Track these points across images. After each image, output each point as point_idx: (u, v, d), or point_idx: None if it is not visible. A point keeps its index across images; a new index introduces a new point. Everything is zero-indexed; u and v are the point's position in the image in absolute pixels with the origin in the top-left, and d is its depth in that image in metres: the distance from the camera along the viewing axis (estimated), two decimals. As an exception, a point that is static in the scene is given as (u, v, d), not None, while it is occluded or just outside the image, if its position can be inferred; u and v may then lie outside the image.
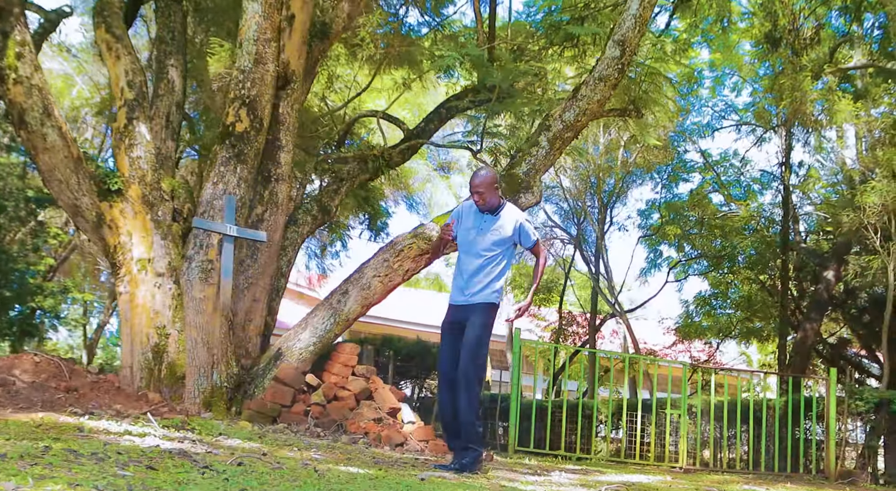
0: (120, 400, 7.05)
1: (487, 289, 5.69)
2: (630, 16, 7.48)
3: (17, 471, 2.76)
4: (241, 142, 7.81)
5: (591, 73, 7.76)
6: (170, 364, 7.80)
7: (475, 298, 5.69)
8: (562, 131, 7.88)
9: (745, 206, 21.22)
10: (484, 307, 5.66)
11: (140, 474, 3.11)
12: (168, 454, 4.12)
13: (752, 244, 20.48)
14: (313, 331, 7.98)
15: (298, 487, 3.31)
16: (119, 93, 8.41)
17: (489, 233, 5.77)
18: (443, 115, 10.73)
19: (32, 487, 2.42)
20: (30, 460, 3.05)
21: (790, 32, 17.73)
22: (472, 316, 5.64)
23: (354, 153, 9.80)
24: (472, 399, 5.48)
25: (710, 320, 22.41)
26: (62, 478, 2.75)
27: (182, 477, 3.22)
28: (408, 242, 8.02)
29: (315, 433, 7.16)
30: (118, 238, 8.02)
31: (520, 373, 9.96)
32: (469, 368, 5.50)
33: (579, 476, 6.16)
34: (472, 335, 5.58)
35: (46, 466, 3.04)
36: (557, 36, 12.27)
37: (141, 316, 7.90)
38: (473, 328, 5.60)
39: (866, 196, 14.87)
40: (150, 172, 8.23)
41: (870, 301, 22.42)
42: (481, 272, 5.73)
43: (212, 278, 7.48)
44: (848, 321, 22.75)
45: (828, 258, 20.57)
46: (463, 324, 5.68)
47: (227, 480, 3.33)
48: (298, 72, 8.51)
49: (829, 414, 11.32)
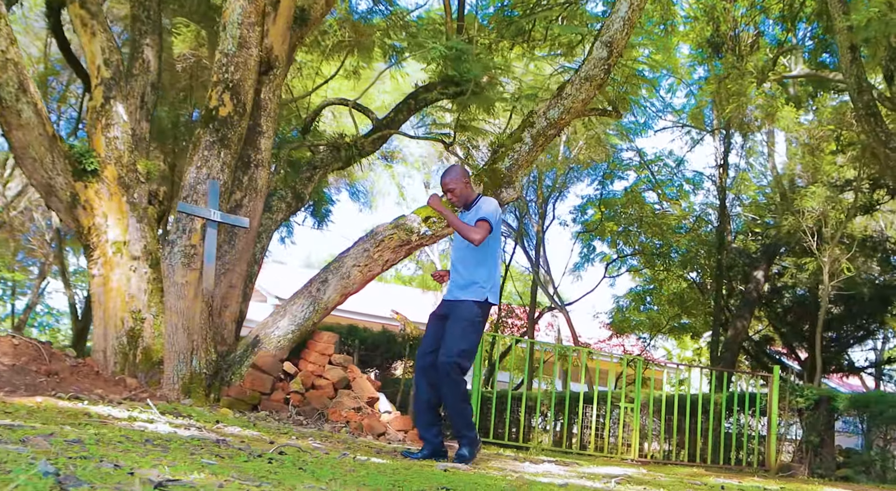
0: (100, 385, 6.93)
1: (473, 284, 5.53)
2: (619, 18, 7.63)
3: (118, 456, 2.73)
4: (225, 126, 7.71)
5: (577, 73, 7.88)
6: (145, 349, 7.69)
7: (461, 294, 5.56)
8: (545, 128, 7.99)
9: (678, 205, 21.78)
10: (469, 305, 5.51)
11: (224, 463, 3.10)
12: (198, 441, 4.10)
13: (686, 243, 20.98)
14: (292, 319, 7.95)
15: (370, 477, 3.35)
16: (95, 71, 8.23)
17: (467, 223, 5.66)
18: (412, 105, 10.75)
19: (196, 478, 2.40)
20: (110, 447, 3.02)
21: (731, 38, 18.24)
22: (456, 311, 5.53)
23: (327, 141, 9.76)
24: (458, 391, 5.39)
25: (643, 316, 22.93)
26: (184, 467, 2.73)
27: (259, 466, 3.22)
28: (388, 233, 8.04)
29: (298, 422, 7.16)
30: (93, 219, 7.86)
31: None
32: (450, 361, 5.34)
33: (571, 467, 6.31)
34: (452, 329, 5.46)
35: (136, 452, 3.01)
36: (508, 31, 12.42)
37: (115, 300, 7.77)
38: (455, 322, 5.48)
39: (805, 200, 15.42)
40: (126, 154, 8.08)
41: (793, 301, 23.30)
42: (464, 266, 5.63)
43: (194, 263, 7.39)
44: (772, 320, 23.58)
45: (757, 259, 21.28)
46: (446, 316, 5.58)
47: (305, 470, 3.34)
48: (282, 57, 8.45)
49: (772, 409, 11.76)
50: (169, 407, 6.03)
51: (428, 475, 4.03)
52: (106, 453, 2.75)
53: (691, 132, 22.76)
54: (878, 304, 21.22)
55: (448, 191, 5.72)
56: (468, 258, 5.62)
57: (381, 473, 3.65)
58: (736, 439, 11.84)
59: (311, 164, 9.50)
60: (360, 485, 2.86)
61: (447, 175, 5.78)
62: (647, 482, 5.28)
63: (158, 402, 6.64)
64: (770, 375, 12.09)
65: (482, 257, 5.61)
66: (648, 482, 5.27)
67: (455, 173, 5.77)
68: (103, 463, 2.45)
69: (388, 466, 4.14)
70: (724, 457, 11.58)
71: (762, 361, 23.65)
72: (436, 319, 5.71)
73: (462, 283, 5.59)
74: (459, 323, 5.46)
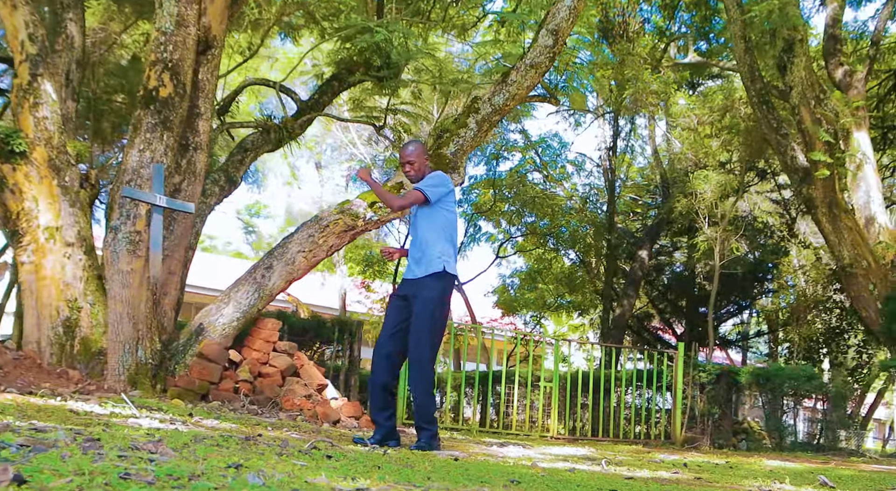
0: (44, 378, 6.61)
1: (429, 258, 5.47)
2: (565, 6, 7.76)
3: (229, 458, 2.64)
4: (167, 108, 7.44)
5: (523, 60, 7.98)
6: (83, 339, 7.37)
7: (419, 270, 5.49)
8: (490, 114, 8.07)
9: (561, 185, 22.31)
10: (429, 282, 5.43)
11: (317, 463, 3.04)
12: (227, 439, 4.00)
13: (575, 224, 21.49)
14: (237, 306, 7.78)
15: (431, 471, 3.36)
16: (19, 46, 7.76)
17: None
18: (335, 87, 10.64)
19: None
20: (194, 449, 2.92)
21: (619, 25, 18.74)
22: (419, 292, 5.43)
23: (257, 123, 9.55)
24: (425, 379, 5.33)
25: (532, 295, 23.42)
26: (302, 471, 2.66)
27: (322, 464, 3.18)
28: (333, 218, 7.97)
29: (252, 411, 7.04)
30: (22, 204, 7.45)
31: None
32: (421, 349, 5.32)
33: (535, 451, 6.45)
34: (419, 314, 5.37)
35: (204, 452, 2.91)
36: (407, 10, 12.40)
37: (49, 288, 7.40)
38: (421, 306, 5.37)
39: (697, 183, 16.09)
40: (56, 135, 7.69)
41: (672, 279, 24.35)
42: (420, 242, 5.58)
43: (139, 250, 7.12)
44: (651, 298, 24.57)
45: (641, 239, 22.09)
46: (408, 298, 5.50)
47: (367, 466, 3.31)
48: (220, 37, 8.20)
49: (676, 385, 12.30)
50: (141, 401, 5.83)
51: (501, 468, 4.07)
52: (215, 457, 2.66)
53: (576, 115, 23.21)
54: (749, 281, 22.43)
55: (407, 163, 5.66)
56: (423, 235, 5.57)
57: (445, 467, 3.67)
58: (645, 414, 12.32)
59: (241, 146, 9.28)
60: (457, 484, 2.87)
61: (408, 148, 5.74)
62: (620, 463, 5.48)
63: (108, 394, 6.41)
64: (675, 352, 12.62)
65: (436, 232, 5.56)
66: (622, 463, 5.47)
67: (415, 147, 5.75)
68: (238, 470, 2.37)
69: (443, 462, 4.15)
70: (633, 432, 12.04)
71: (643, 337, 24.63)
72: (396, 299, 5.62)
73: (419, 257, 5.54)
74: (426, 306, 5.38)
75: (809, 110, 12.57)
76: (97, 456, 2.25)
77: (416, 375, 5.35)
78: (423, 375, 5.33)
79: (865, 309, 12.64)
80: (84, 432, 3.53)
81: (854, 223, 12.84)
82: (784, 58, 12.97)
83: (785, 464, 6.84)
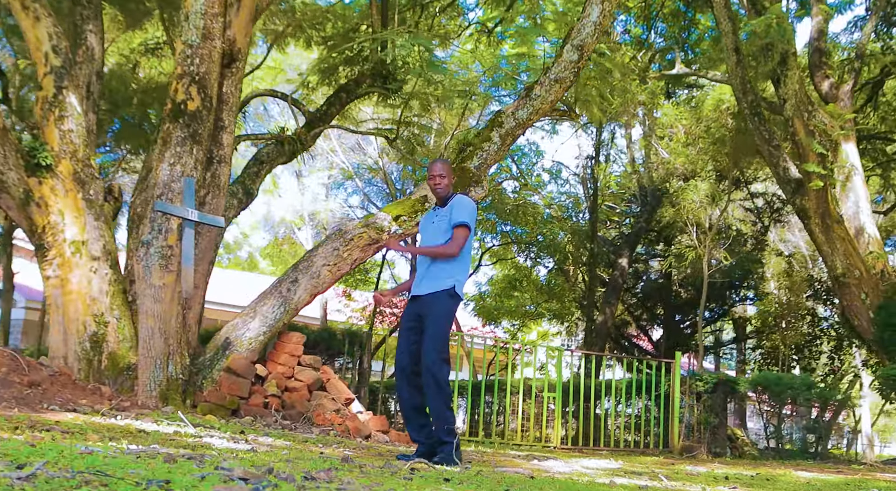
0: (79, 394, 6.55)
1: (438, 275, 5.44)
2: (590, 22, 7.87)
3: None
4: (195, 121, 7.41)
5: (547, 75, 8.07)
6: (111, 354, 7.32)
7: (427, 287, 5.46)
8: (514, 128, 8.15)
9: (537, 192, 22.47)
10: (438, 297, 5.41)
11: (392, 483, 3.08)
12: (328, 460, 4.02)
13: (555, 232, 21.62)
14: (263, 320, 7.77)
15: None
16: (43, 58, 7.69)
17: (438, 224, 5.60)
18: (343, 98, 10.67)
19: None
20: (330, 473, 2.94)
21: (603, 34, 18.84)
22: (430, 308, 5.41)
23: (270, 135, 9.54)
24: (441, 395, 5.30)
25: (512, 303, 23.52)
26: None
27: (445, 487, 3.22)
28: (358, 232, 7.99)
29: (286, 426, 7.03)
30: (48, 218, 7.38)
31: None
32: (434, 365, 5.29)
33: (573, 464, 6.52)
34: (432, 332, 5.34)
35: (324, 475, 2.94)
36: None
37: (76, 303, 7.34)
38: (432, 322, 5.36)
39: (686, 194, 16.32)
40: (81, 148, 7.63)
41: (649, 287, 24.64)
42: (428, 259, 5.56)
43: (171, 265, 7.08)
44: (628, 306, 24.84)
45: (620, 247, 22.34)
46: (420, 316, 5.47)
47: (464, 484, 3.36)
48: (244, 50, 8.19)
49: (674, 393, 12.47)
50: (193, 419, 5.81)
51: (587, 487, 4.12)
52: (363, 480, 2.69)
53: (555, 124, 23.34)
54: (724, 289, 22.76)
55: (438, 175, 5.59)
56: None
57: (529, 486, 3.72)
58: (644, 423, 12.46)
59: (256, 158, 9.27)
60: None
61: (437, 164, 5.71)
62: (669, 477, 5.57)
63: (143, 410, 6.38)
64: (672, 361, 12.79)
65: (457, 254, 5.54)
66: (671, 477, 5.56)
67: (447, 164, 5.74)
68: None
69: (521, 479, 4.20)
70: (633, 441, 12.18)
71: (621, 345, 24.88)
72: (407, 320, 5.58)
73: (430, 274, 5.50)
74: (436, 321, 5.38)
75: (803, 122, 12.82)
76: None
77: (432, 387, 5.30)
78: (438, 388, 5.30)
79: (858, 318, 12.90)
80: (192, 455, 3.54)
81: (846, 233, 13.11)
82: (778, 71, 13.21)
83: (818, 475, 6.98)
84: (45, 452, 2.96)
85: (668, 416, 12.52)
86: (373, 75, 10.67)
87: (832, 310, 22.01)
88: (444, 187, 5.61)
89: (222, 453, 3.89)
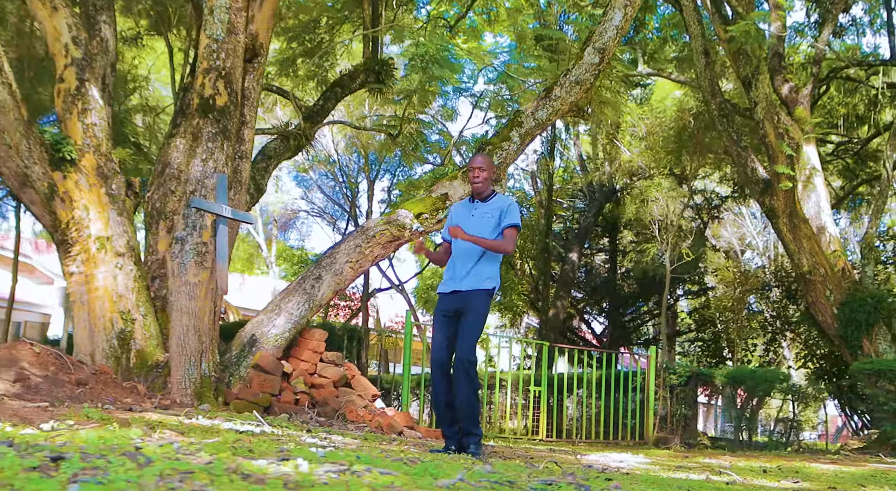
0: (120, 393, 6.46)
1: (481, 275, 5.53)
2: (612, 26, 8.06)
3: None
4: (224, 117, 7.37)
5: (567, 76, 8.24)
6: (139, 352, 7.22)
7: (469, 284, 5.53)
8: (533, 128, 8.29)
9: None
10: (479, 294, 5.52)
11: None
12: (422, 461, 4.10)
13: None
14: (288, 316, 7.76)
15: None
16: (63, 50, 7.52)
17: (480, 218, 5.64)
18: (338, 93, 10.67)
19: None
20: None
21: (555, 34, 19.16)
22: (469, 304, 5.49)
23: (276, 130, 9.50)
24: (473, 387, 5.46)
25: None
26: None
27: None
28: (380, 229, 8.04)
29: (323, 423, 7.05)
30: (72, 213, 7.23)
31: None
32: (470, 357, 5.42)
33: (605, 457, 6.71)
34: (470, 324, 5.46)
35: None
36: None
37: (102, 299, 7.21)
38: (472, 316, 5.47)
39: (649, 191, 16.73)
40: (105, 142, 7.49)
41: (597, 282, 25.14)
42: (473, 259, 5.60)
43: (206, 262, 7.03)
44: (573, 299, 25.29)
45: (570, 242, 22.74)
46: (456, 311, 5.55)
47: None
48: (266, 45, 8.14)
49: (649, 386, 12.82)
50: (248, 416, 5.80)
51: (676, 483, 4.28)
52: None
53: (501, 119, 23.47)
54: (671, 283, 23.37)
55: (478, 168, 5.67)
56: (482, 254, 5.59)
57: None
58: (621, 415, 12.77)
59: (264, 153, 9.22)
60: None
61: (481, 156, 5.83)
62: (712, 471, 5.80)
63: (183, 408, 6.34)
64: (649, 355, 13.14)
65: (496, 255, 5.68)
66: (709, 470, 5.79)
67: (488, 159, 5.84)
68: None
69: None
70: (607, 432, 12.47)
71: (568, 338, 25.30)
72: (443, 316, 5.64)
73: (472, 272, 5.57)
74: (476, 317, 5.50)
75: (773, 125, 13.28)
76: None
77: (464, 379, 5.42)
78: (470, 380, 5.43)
79: (822, 314, 13.45)
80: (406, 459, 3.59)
81: (811, 232, 13.64)
82: (749, 75, 13.63)
83: (841, 468, 7.32)
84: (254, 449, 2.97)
85: (643, 408, 12.87)
86: (366, 71, 10.70)
87: (766, 305, 22.73)
88: (482, 181, 5.69)
89: (373, 453, 3.93)
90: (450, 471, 2.91)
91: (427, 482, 2.61)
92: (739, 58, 13.49)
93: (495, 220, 5.63)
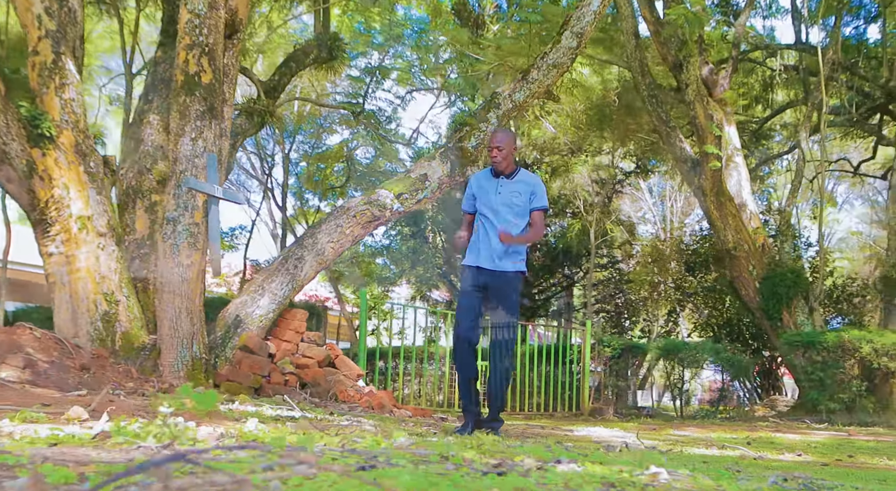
0: (118, 376, 6.31)
1: (516, 256, 5.51)
2: (590, 11, 8.22)
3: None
4: (211, 94, 7.21)
5: (544, 59, 8.37)
6: (125, 334, 7.07)
7: (505, 265, 5.48)
8: (510, 110, 8.41)
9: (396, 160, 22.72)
10: (515, 276, 5.50)
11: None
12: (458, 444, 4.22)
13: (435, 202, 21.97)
14: (272, 297, 7.70)
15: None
16: (35, 21, 7.19)
17: (509, 196, 5.55)
18: (293, 68, 10.55)
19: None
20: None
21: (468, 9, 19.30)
22: (505, 284, 5.49)
23: (241, 106, 9.32)
24: (507, 372, 5.50)
25: (374, 268, 23.77)
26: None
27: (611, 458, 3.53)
28: (361, 208, 8.04)
29: (317, 404, 7.06)
30: (52, 191, 6.98)
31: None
32: (510, 340, 5.47)
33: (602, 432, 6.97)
34: (509, 306, 5.46)
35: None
36: None
37: (85, 281, 7.01)
38: (510, 299, 5.48)
39: (575, 168, 17.12)
40: (82, 118, 7.24)
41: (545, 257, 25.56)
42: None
43: (199, 243, 6.91)
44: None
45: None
46: (486, 287, 5.49)
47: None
48: (245, 20, 7.98)
49: (585, 359, 13.22)
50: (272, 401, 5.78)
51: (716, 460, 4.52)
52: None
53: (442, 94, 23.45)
54: (576, 257, 24.02)
55: (496, 147, 5.55)
56: (513, 230, 5.49)
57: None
58: (556, 387, 13.14)
59: (232, 130, 9.04)
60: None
61: (502, 134, 5.70)
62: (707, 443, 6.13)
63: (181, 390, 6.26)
64: (584, 329, 13.53)
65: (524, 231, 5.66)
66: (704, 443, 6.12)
67: (509, 136, 5.72)
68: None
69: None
70: (545, 404, 12.82)
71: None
72: (473, 289, 5.56)
73: (514, 253, 5.55)
74: (512, 297, 5.52)
75: (703, 106, 13.78)
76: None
77: (503, 363, 5.48)
78: (507, 366, 5.50)
79: (745, 288, 14.12)
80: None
81: (736, 210, 14.26)
82: (680, 57, 14.08)
83: (807, 437, 7.79)
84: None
85: (577, 380, 13.26)
86: (319, 46, 10.61)
87: (664, 277, 23.58)
88: (501, 158, 5.54)
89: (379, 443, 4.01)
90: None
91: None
92: (671, 41, 13.94)
93: (525, 198, 5.56)
